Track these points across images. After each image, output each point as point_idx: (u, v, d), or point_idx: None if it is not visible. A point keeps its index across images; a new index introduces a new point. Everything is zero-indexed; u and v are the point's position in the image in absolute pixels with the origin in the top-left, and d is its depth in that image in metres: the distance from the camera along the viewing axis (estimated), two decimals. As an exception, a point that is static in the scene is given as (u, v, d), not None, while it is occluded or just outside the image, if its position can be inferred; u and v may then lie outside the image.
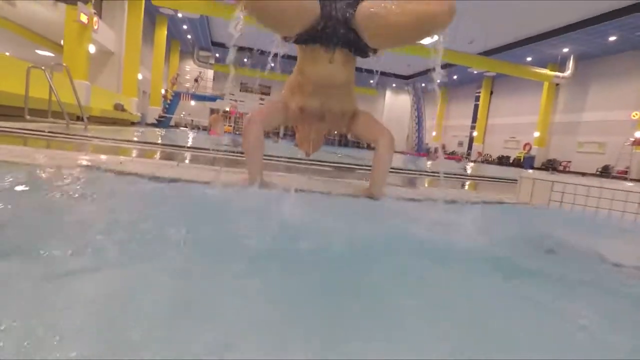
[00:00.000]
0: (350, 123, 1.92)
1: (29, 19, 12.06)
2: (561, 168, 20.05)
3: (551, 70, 19.43)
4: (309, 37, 1.66)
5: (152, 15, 18.89)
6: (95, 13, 10.40)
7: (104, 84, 14.55)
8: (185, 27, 21.34)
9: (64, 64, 4.69)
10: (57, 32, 10.61)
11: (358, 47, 1.70)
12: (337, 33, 1.63)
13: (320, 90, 1.75)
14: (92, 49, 10.81)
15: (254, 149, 1.67)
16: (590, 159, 18.46)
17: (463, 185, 3.64)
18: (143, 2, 14.98)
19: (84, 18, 9.63)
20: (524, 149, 22.54)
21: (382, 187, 1.87)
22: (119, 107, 13.20)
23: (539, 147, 21.02)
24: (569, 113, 20.11)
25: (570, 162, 19.62)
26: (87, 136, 3.99)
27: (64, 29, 9.90)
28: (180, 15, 17.35)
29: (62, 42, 10.19)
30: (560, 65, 19.42)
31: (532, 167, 20.56)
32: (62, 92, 5.58)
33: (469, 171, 7.20)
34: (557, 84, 20.17)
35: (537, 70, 19.14)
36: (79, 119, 9.92)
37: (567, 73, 18.78)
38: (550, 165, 20.39)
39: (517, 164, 21.92)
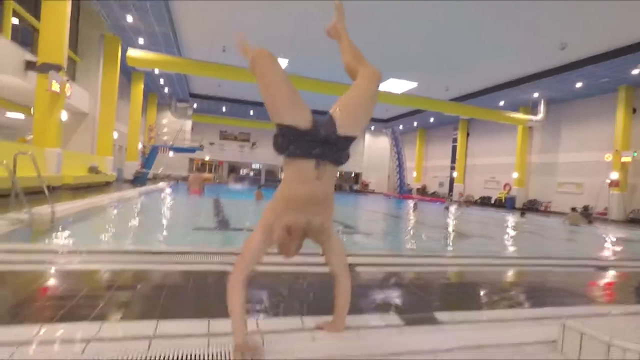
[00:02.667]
0: (324, 242, 1.84)
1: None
2: (542, 208, 20.32)
3: (524, 114, 20.18)
4: (299, 148, 1.63)
5: (127, 73, 18.77)
6: (67, 80, 10.04)
7: (77, 145, 13.99)
8: (162, 81, 21.30)
9: (29, 152, 4.21)
10: (28, 97, 10.16)
11: (340, 158, 1.73)
12: (326, 147, 1.65)
13: (306, 208, 1.69)
14: (64, 116, 10.36)
15: (231, 304, 1.59)
16: (570, 199, 18.78)
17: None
18: (118, 62, 14.83)
19: (55, 87, 9.26)
20: (504, 189, 22.91)
21: (344, 321, 1.89)
22: (93, 170, 12.60)
23: (518, 188, 21.36)
24: (545, 154, 20.68)
25: (550, 202, 19.94)
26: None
27: (35, 98, 9.47)
28: (157, 71, 17.29)
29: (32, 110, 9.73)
30: (532, 108, 20.23)
31: (514, 208, 20.78)
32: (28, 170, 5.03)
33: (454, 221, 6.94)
34: (530, 127, 20.91)
35: (510, 115, 19.82)
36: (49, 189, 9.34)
37: (539, 116, 19.53)
38: (532, 206, 20.64)
39: (499, 204, 22.16)
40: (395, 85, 19.80)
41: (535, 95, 18.97)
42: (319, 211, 1.71)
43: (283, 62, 15.77)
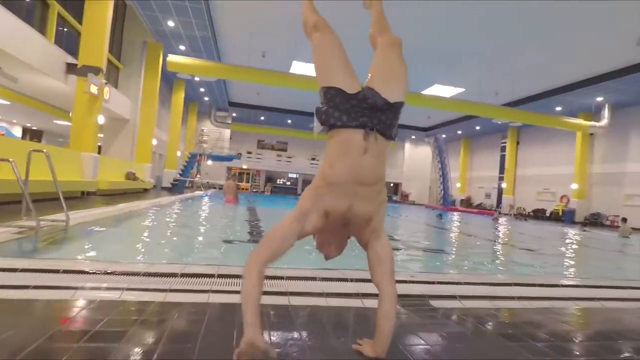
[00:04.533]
0: (370, 242, 1.57)
1: (41, 91, 11.84)
2: (608, 223, 18.22)
3: (584, 120, 18.25)
4: (345, 114, 1.44)
5: (169, 80, 19.01)
6: (106, 83, 9.96)
7: (117, 151, 14.08)
8: (202, 89, 21.46)
9: (45, 150, 3.72)
10: (69, 102, 10.20)
11: (390, 129, 1.52)
12: (374, 115, 1.47)
13: (349, 189, 1.46)
14: (101, 119, 10.26)
15: (244, 296, 1.36)
16: (641, 213, 16.68)
17: None
18: (159, 69, 14.90)
19: (93, 89, 9.15)
20: (561, 201, 20.87)
21: (387, 346, 1.54)
22: (130, 176, 12.53)
23: (578, 200, 19.31)
24: (610, 163, 18.62)
25: (617, 216, 17.78)
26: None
27: (74, 100, 9.43)
28: (197, 79, 17.30)
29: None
30: (595, 114, 18.28)
31: (574, 222, 18.76)
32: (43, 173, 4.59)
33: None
34: (592, 134, 18.91)
35: (569, 120, 17.98)
36: (84, 194, 9.18)
37: (604, 122, 17.56)
38: (595, 220, 18.56)
39: (556, 217, 20.16)
40: (440, 91, 18.66)
41: (599, 99, 17.12)
42: (365, 196, 1.49)
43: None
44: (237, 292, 2.32)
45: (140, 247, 4.32)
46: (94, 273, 2.49)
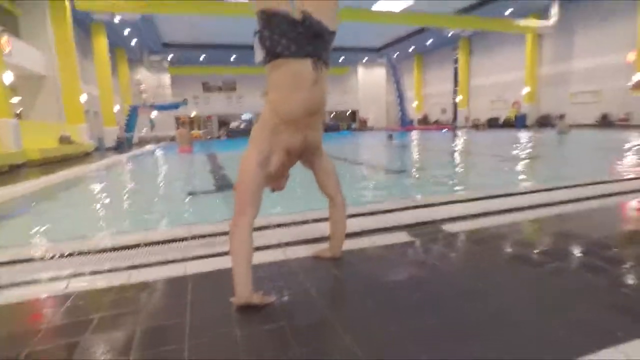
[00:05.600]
0: (316, 162, 1.63)
1: None
2: (556, 123, 19.12)
3: (535, 19, 18.08)
4: (294, 44, 1.33)
5: (85, 25, 16.29)
6: (4, 31, 8.17)
7: (42, 115, 12.25)
8: (126, 32, 18.73)
9: None
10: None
11: (329, 58, 1.47)
12: (317, 44, 1.39)
13: (303, 122, 1.44)
14: (9, 77, 8.55)
15: (238, 257, 1.34)
16: (586, 109, 17.53)
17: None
18: (68, 11, 12.46)
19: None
20: (512, 107, 21.46)
21: (341, 247, 1.76)
22: (65, 140, 11.07)
23: (529, 104, 19.94)
24: (557, 63, 18.99)
25: (564, 114, 18.64)
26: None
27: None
28: (117, 20, 14.78)
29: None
30: (543, 13, 18.12)
31: (525, 126, 19.55)
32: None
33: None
34: (540, 34, 18.96)
35: (520, 23, 17.76)
36: (12, 168, 7.89)
37: (552, 21, 17.51)
38: (545, 122, 19.40)
39: (509, 124, 20.86)
40: (388, 6, 17.45)
41: (547, -5, 16.81)
42: (315, 125, 1.52)
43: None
44: (220, 254, 1.84)
45: (89, 218, 3.64)
46: (23, 261, 1.88)
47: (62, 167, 7.65)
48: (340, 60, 28.89)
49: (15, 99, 12.01)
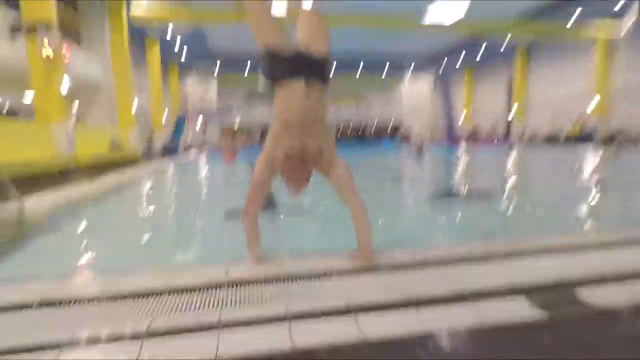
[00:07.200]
0: (328, 172, 1.83)
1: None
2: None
3: (607, 24, 16.28)
4: (288, 70, 1.70)
5: (140, 39, 16.93)
6: (63, 40, 8.39)
7: (96, 119, 12.73)
8: (177, 43, 19.30)
9: None
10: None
11: (325, 76, 1.77)
12: (309, 68, 1.71)
13: (298, 131, 1.71)
14: (66, 82, 8.70)
15: (249, 236, 1.86)
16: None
17: None
18: (125, 24, 12.91)
19: (47, 51, 7.60)
20: (577, 122, 19.36)
21: (372, 255, 1.85)
22: (114, 145, 11.26)
23: (599, 117, 17.85)
24: (635, 73, 16.76)
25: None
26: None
27: (29, 66, 7.88)
28: (169, 33, 14.94)
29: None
30: (617, 18, 16.25)
31: (593, 142, 17.48)
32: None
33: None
34: (614, 40, 16.96)
35: (590, 29, 16.08)
36: (61, 173, 7.94)
37: (633, 19, 15.51)
38: (621, 139, 17.15)
39: (574, 140, 18.76)
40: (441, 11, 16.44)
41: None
42: (313, 134, 1.73)
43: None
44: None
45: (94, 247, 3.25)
46: None
47: (110, 173, 7.59)
48: (384, 72, 27.97)
49: (75, 103, 12.62)
